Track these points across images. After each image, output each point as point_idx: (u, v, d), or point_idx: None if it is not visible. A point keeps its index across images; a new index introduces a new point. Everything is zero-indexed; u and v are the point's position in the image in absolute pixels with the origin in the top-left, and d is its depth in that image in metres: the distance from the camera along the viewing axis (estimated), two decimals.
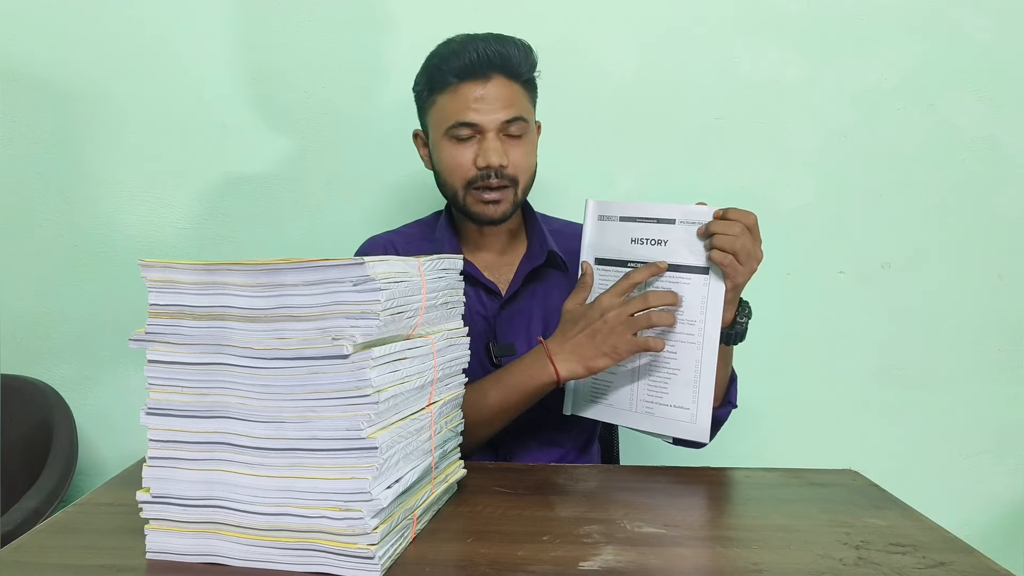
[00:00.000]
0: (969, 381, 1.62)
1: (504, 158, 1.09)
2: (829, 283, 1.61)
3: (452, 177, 1.12)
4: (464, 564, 0.72)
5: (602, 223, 1.06)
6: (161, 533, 0.73)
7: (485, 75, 1.08)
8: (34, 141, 1.60)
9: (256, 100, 1.58)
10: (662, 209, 1.00)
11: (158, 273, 0.71)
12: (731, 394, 1.11)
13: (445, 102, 1.10)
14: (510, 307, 1.17)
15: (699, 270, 0.98)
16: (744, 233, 0.94)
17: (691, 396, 0.99)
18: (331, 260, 0.67)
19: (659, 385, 1.01)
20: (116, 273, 1.62)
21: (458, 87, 1.09)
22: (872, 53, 1.56)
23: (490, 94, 1.09)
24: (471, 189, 1.11)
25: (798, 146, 1.59)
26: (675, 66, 1.57)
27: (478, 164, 1.10)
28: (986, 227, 1.59)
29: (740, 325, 1.02)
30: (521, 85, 1.13)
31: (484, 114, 1.08)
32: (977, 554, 0.75)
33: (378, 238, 1.24)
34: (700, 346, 0.98)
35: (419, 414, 0.78)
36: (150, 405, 0.72)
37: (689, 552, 0.75)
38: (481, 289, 1.16)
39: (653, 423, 1.02)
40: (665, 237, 1.00)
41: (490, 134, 1.09)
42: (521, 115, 1.11)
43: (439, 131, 1.12)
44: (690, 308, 0.98)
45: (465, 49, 1.08)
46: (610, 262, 1.05)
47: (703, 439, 0.99)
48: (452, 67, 1.09)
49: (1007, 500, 1.65)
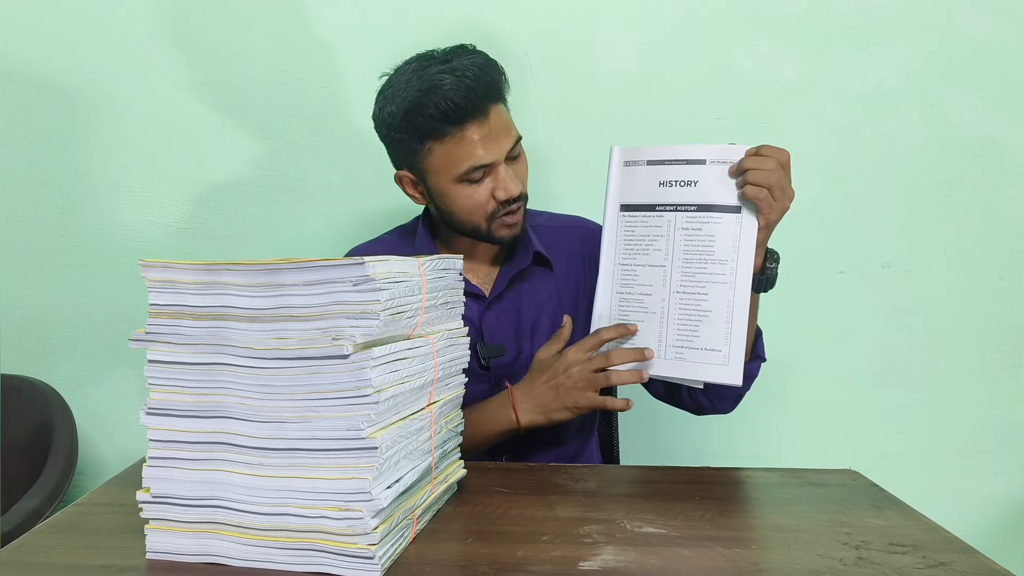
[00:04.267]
0: (969, 381, 1.62)
1: (519, 185, 1.09)
2: (829, 283, 1.61)
3: (473, 216, 1.10)
4: (464, 564, 0.72)
5: (628, 169, 1.03)
6: (161, 533, 0.73)
7: (483, 111, 1.04)
8: (34, 141, 1.60)
9: (256, 100, 1.58)
10: (692, 150, 0.99)
11: (158, 273, 0.71)
12: (759, 347, 1.09)
13: (449, 149, 1.05)
14: (496, 307, 1.17)
15: (731, 209, 0.96)
16: (778, 168, 0.94)
17: (723, 337, 0.96)
18: (331, 260, 0.67)
19: (690, 328, 0.98)
20: (116, 273, 1.62)
21: (462, 133, 1.03)
22: (872, 53, 1.56)
23: (492, 128, 1.05)
24: (495, 219, 1.10)
25: (798, 146, 1.57)
26: (675, 66, 1.57)
27: (498, 197, 1.07)
28: (986, 227, 1.59)
29: (770, 270, 1.01)
30: (503, 102, 1.10)
31: (493, 151, 1.05)
32: (977, 554, 0.75)
33: (358, 249, 1.24)
34: (732, 286, 0.96)
35: (419, 414, 0.78)
36: (150, 405, 0.72)
37: (689, 552, 0.75)
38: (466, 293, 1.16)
39: (683, 368, 0.98)
40: (695, 178, 0.98)
41: (501, 168, 1.07)
42: (518, 136, 1.10)
43: (447, 177, 1.07)
44: (722, 247, 0.96)
45: (456, 92, 1.01)
46: (638, 207, 1.02)
47: (735, 382, 0.96)
48: (450, 115, 1.02)
49: (1007, 500, 1.65)
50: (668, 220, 1.00)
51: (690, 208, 0.99)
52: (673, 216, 0.99)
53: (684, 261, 0.98)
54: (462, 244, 1.18)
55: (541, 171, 1.48)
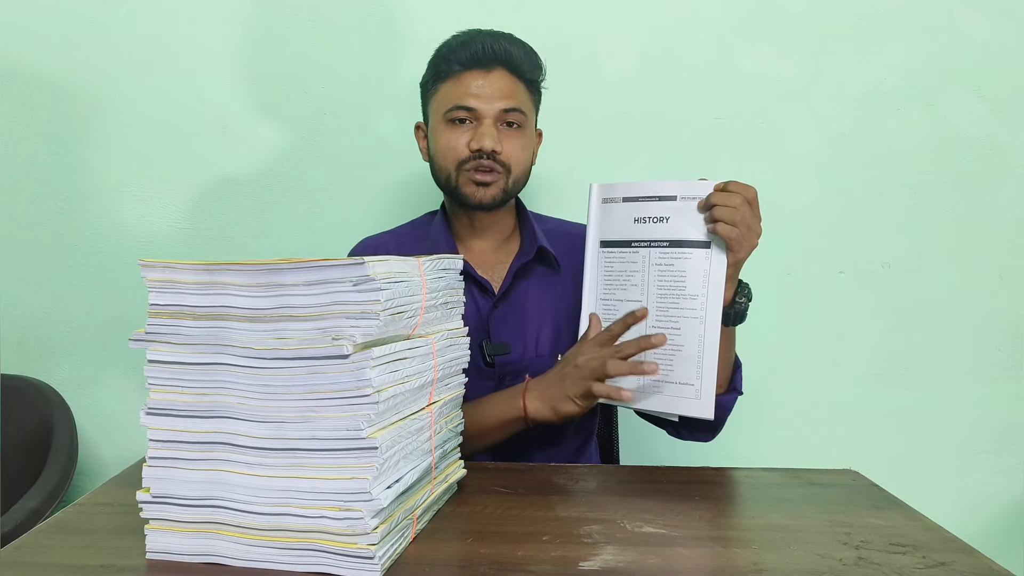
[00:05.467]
0: (969, 381, 1.62)
1: (498, 144, 1.12)
2: (829, 283, 1.61)
3: (446, 160, 1.14)
4: (464, 564, 0.72)
5: (606, 206, 1.07)
6: (161, 533, 0.73)
7: (488, 66, 1.12)
8: (34, 141, 1.60)
9: (256, 100, 1.58)
10: (663, 187, 1.01)
11: (158, 273, 0.71)
12: (736, 380, 1.11)
13: (447, 89, 1.14)
14: (503, 305, 1.18)
15: (701, 244, 0.98)
16: (744, 205, 0.95)
17: (695, 371, 0.98)
18: (331, 260, 0.67)
19: (664, 362, 1.00)
20: (116, 273, 1.62)
21: (461, 75, 1.12)
22: (872, 53, 1.56)
23: (491, 84, 1.12)
24: (463, 169, 1.13)
25: (798, 146, 1.59)
26: (675, 66, 1.57)
27: (471, 147, 1.12)
28: (986, 227, 1.59)
29: (740, 305, 1.02)
30: (524, 84, 1.15)
31: (483, 101, 1.11)
32: (977, 554, 0.75)
33: (371, 240, 1.25)
34: (703, 321, 0.97)
35: (419, 414, 0.78)
36: (150, 405, 0.72)
37: (689, 552, 0.75)
38: (474, 286, 1.17)
39: (659, 401, 1.01)
40: (667, 214, 1.00)
41: (487, 120, 1.12)
42: (519, 107, 1.13)
43: (438, 116, 1.15)
44: (692, 283, 0.98)
45: (472, 40, 1.12)
46: (615, 243, 1.05)
47: (707, 415, 0.98)
48: (457, 57, 1.12)
49: (1007, 500, 1.65)
50: (643, 256, 1.02)
51: (662, 244, 1.01)
52: (647, 252, 1.02)
53: (658, 296, 1.01)
54: (471, 231, 1.20)
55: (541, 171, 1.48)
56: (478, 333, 1.15)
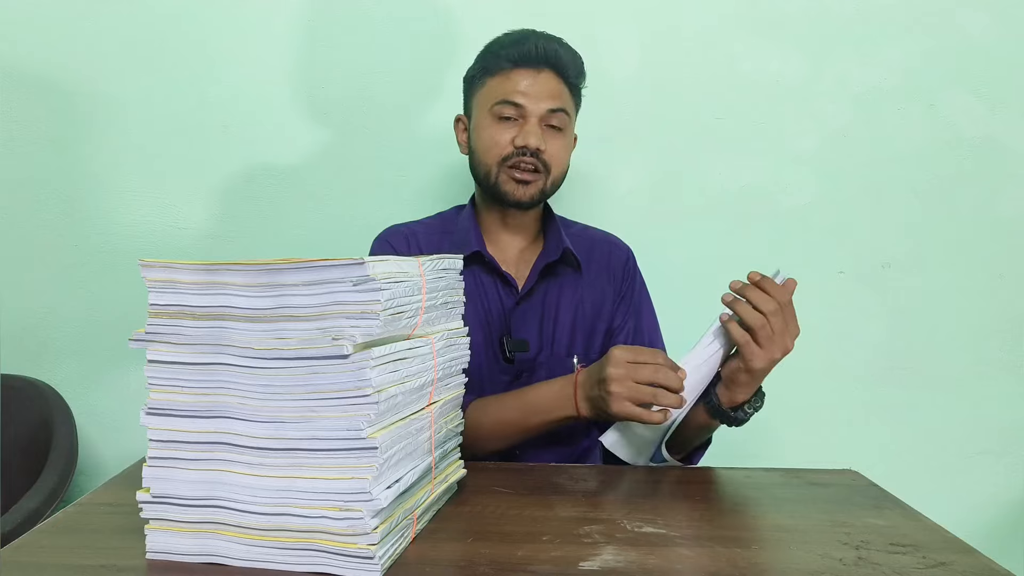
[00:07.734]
0: (969, 381, 1.62)
1: (543, 143, 1.13)
2: (829, 283, 1.61)
3: (488, 155, 1.15)
4: (464, 564, 0.72)
5: None
6: (161, 533, 0.73)
7: (537, 66, 1.14)
8: (34, 141, 1.60)
9: (256, 100, 1.58)
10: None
11: (158, 273, 0.71)
12: (695, 456, 1.11)
13: (496, 84, 1.15)
14: (525, 303, 1.19)
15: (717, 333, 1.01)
16: (777, 313, 0.95)
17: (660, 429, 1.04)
18: (331, 260, 0.67)
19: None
20: (116, 273, 1.62)
21: (511, 72, 1.14)
22: (872, 53, 1.56)
23: (539, 84, 1.13)
24: (505, 166, 1.14)
25: (798, 146, 1.59)
26: (675, 66, 1.57)
27: (516, 143, 1.13)
28: (986, 227, 1.59)
29: (744, 413, 1.01)
30: (568, 87, 1.17)
31: (531, 100, 1.13)
32: (977, 554, 0.75)
33: (399, 227, 1.25)
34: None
35: (419, 414, 0.78)
36: (150, 405, 0.72)
37: (689, 552, 0.75)
38: (499, 280, 1.17)
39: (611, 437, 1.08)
40: None
41: (532, 119, 1.13)
42: (564, 108, 1.15)
43: (483, 109, 1.16)
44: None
45: (525, 39, 1.14)
46: None
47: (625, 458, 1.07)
48: (508, 54, 1.14)
49: (1007, 500, 1.65)
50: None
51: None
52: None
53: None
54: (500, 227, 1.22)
55: None
56: (499, 328, 1.17)
